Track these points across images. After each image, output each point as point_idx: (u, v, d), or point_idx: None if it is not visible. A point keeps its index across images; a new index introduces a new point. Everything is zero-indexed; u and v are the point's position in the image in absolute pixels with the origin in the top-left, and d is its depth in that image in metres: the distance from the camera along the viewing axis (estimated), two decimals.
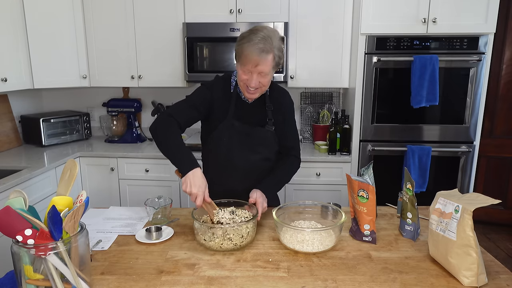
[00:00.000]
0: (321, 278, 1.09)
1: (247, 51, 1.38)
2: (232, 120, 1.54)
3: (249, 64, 1.40)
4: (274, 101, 1.60)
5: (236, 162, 1.56)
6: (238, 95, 1.57)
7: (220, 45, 2.69)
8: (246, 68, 1.42)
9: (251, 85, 1.43)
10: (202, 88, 1.57)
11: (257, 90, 1.47)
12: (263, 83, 1.45)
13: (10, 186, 2.03)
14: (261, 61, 1.38)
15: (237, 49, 1.44)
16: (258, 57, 1.37)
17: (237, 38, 1.46)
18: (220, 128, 1.55)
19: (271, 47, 1.38)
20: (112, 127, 3.06)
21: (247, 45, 1.38)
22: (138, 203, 2.69)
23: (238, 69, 1.47)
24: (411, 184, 1.29)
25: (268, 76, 1.44)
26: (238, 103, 1.57)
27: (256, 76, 1.42)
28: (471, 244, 1.03)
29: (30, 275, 0.92)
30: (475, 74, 2.46)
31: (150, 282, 1.07)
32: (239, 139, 1.55)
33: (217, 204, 1.39)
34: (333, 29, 2.70)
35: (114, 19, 2.80)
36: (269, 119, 1.57)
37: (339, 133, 2.65)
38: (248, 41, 1.39)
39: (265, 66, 1.40)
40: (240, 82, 1.49)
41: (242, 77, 1.45)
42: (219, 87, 1.57)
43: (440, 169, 2.60)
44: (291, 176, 1.64)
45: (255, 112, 1.58)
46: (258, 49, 1.37)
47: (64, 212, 0.97)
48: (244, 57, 1.40)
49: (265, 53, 1.37)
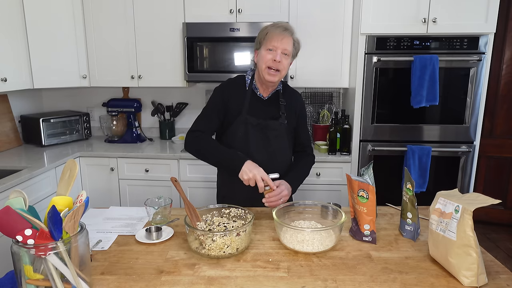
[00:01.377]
0: (321, 278, 1.09)
1: (272, 31, 1.52)
2: (246, 115, 1.60)
3: (274, 39, 1.51)
4: (287, 97, 1.69)
5: (254, 155, 1.59)
6: (253, 91, 1.65)
7: (220, 45, 2.69)
8: (272, 45, 1.51)
9: (277, 59, 1.51)
10: (215, 92, 1.66)
11: (278, 73, 1.55)
12: (284, 64, 1.54)
13: (10, 186, 2.02)
14: (285, 37, 1.51)
15: (261, 35, 1.56)
16: (282, 33, 1.51)
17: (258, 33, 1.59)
18: (235, 124, 1.61)
19: (291, 30, 1.55)
20: (112, 127, 3.06)
21: (272, 28, 1.53)
22: (138, 203, 2.69)
23: (261, 53, 1.56)
24: (411, 184, 1.29)
25: (288, 59, 1.56)
26: (253, 99, 1.64)
27: (280, 53, 1.51)
28: (471, 244, 1.03)
29: (30, 275, 0.92)
30: (475, 74, 2.46)
31: (150, 282, 1.07)
32: (254, 133, 1.60)
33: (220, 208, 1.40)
34: (333, 29, 2.70)
35: (114, 19, 2.80)
36: (282, 113, 1.64)
37: (339, 133, 2.65)
38: (272, 26, 1.55)
39: (288, 43, 1.52)
40: (263, 65, 1.55)
41: (266, 58, 1.53)
42: (232, 86, 1.66)
43: (440, 169, 2.60)
44: (309, 171, 1.74)
45: (269, 107, 1.65)
46: (281, 27, 1.53)
47: (64, 212, 0.97)
48: (270, 35, 1.52)
49: (288, 32, 1.53)
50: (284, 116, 1.65)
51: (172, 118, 3.19)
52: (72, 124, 3.01)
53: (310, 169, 1.76)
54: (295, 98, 1.73)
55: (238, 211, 1.39)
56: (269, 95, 1.65)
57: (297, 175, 1.65)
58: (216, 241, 1.18)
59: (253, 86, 1.65)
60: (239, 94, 1.63)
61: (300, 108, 1.73)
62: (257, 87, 1.65)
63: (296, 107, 1.71)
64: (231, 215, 1.39)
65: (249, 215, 1.33)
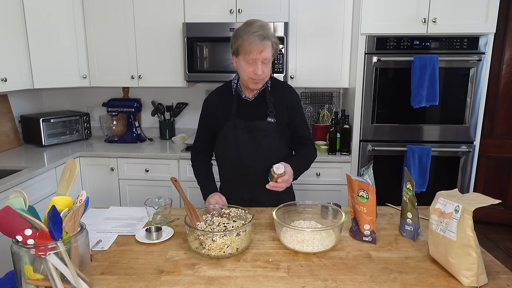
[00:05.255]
0: (321, 278, 1.09)
1: (249, 40, 1.45)
2: (235, 119, 1.60)
3: (253, 52, 1.46)
4: (275, 94, 1.65)
5: (244, 159, 1.61)
6: (239, 95, 1.64)
7: (220, 45, 2.69)
8: (251, 58, 1.47)
9: (258, 73, 1.49)
10: (203, 104, 1.72)
11: (261, 80, 1.54)
12: (266, 72, 1.52)
13: (10, 186, 2.02)
14: (264, 47, 1.46)
15: (238, 43, 1.49)
16: (261, 44, 1.45)
17: (232, 35, 1.52)
18: (225, 129, 1.62)
19: (268, 34, 1.47)
20: (112, 127, 3.06)
21: (248, 36, 1.45)
22: (138, 203, 2.69)
23: (240, 63, 1.52)
24: (411, 184, 1.29)
25: (269, 64, 1.53)
26: (240, 102, 1.63)
27: (260, 64, 1.49)
28: (471, 244, 1.03)
29: (30, 275, 0.92)
30: (475, 74, 2.46)
31: (150, 282, 1.07)
32: (243, 136, 1.60)
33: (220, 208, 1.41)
34: (333, 29, 2.70)
35: (114, 19, 2.79)
36: (270, 111, 1.61)
37: (339, 133, 2.65)
38: (247, 32, 1.46)
39: (267, 52, 1.48)
40: (245, 76, 1.53)
41: (247, 70, 1.51)
42: (217, 94, 1.68)
43: (440, 169, 2.60)
44: (311, 162, 1.72)
45: (256, 108, 1.63)
46: (259, 36, 1.45)
47: (64, 212, 0.97)
48: (248, 46, 1.46)
49: (266, 39, 1.46)
50: (273, 114, 1.60)
51: (172, 118, 3.19)
52: (72, 124, 3.01)
53: (311, 159, 1.71)
54: (285, 92, 1.66)
55: (238, 211, 1.39)
56: (255, 96, 1.63)
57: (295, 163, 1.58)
58: (216, 241, 1.18)
59: (238, 90, 1.64)
60: (225, 101, 1.64)
61: (291, 101, 1.66)
62: (242, 90, 1.64)
63: (286, 102, 1.64)
64: (231, 215, 1.39)
65: (249, 215, 1.33)
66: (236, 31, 1.52)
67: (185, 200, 1.36)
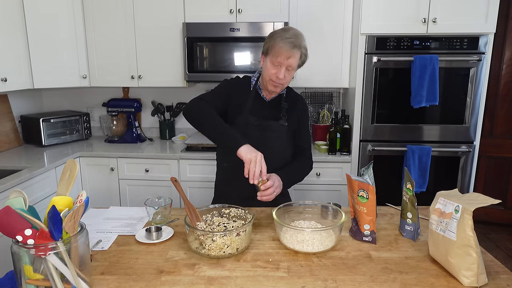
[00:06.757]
0: (321, 278, 1.09)
1: (280, 44, 1.48)
2: (248, 115, 1.61)
3: (281, 56, 1.49)
4: (290, 101, 1.69)
5: None
6: (257, 92, 1.67)
7: (220, 45, 2.69)
8: (277, 61, 1.50)
9: (280, 76, 1.51)
10: (222, 83, 1.68)
11: (280, 85, 1.57)
12: (287, 79, 1.56)
13: (10, 186, 2.02)
14: (292, 54, 1.49)
15: (270, 43, 1.53)
16: (290, 51, 1.48)
17: (268, 35, 1.56)
18: (236, 123, 1.61)
19: (300, 44, 1.51)
20: (112, 127, 3.06)
21: (280, 39, 1.49)
22: (138, 203, 2.69)
23: (267, 63, 1.55)
24: (411, 184, 1.29)
25: (292, 72, 1.56)
26: (256, 100, 1.65)
27: (284, 69, 1.51)
28: (471, 244, 1.03)
29: (30, 275, 0.92)
30: (475, 74, 2.46)
31: (150, 282, 1.07)
32: (254, 133, 1.61)
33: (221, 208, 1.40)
34: (333, 29, 2.70)
35: (114, 19, 2.80)
36: (283, 115, 1.65)
37: (339, 133, 2.65)
38: (280, 36, 1.50)
39: (294, 60, 1.51)
40: (267, 77, 1.56)
41: (270, 71, 1.53)
42: (237, 83, 1.68)
43: (440, 169, 2.60)
44: (304, 176, 1.71)
45: (271, 108, 1.66)
46: (291, 43, 1.48)
47: (64, 212, 0.97)
48: (278, 49, 1.49)
49: (296, 48, 1.49)
50: (285, 118, 1.66)
51: (172, 118, 3.19)
52: (72, 124, 3.01)
53: (305, 171, 1.70)
54: (298, 102, 1.73)
55: (238, 211, 1.39)
56: (272, 98, 1.68)
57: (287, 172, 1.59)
58: (216, 241, 1.18)
59: (257, 87, 1.67)
60: (242, 93, 1.65)
61: (301, 112, 1.74)
62: (261, 89, 1.67)
63: (298, 111, 1.71)
64: (231, 215, 1.39)
65: (249, 215, 1.33)
66: (272, 32, 1.56)
67: (185, 200, 1.36)
